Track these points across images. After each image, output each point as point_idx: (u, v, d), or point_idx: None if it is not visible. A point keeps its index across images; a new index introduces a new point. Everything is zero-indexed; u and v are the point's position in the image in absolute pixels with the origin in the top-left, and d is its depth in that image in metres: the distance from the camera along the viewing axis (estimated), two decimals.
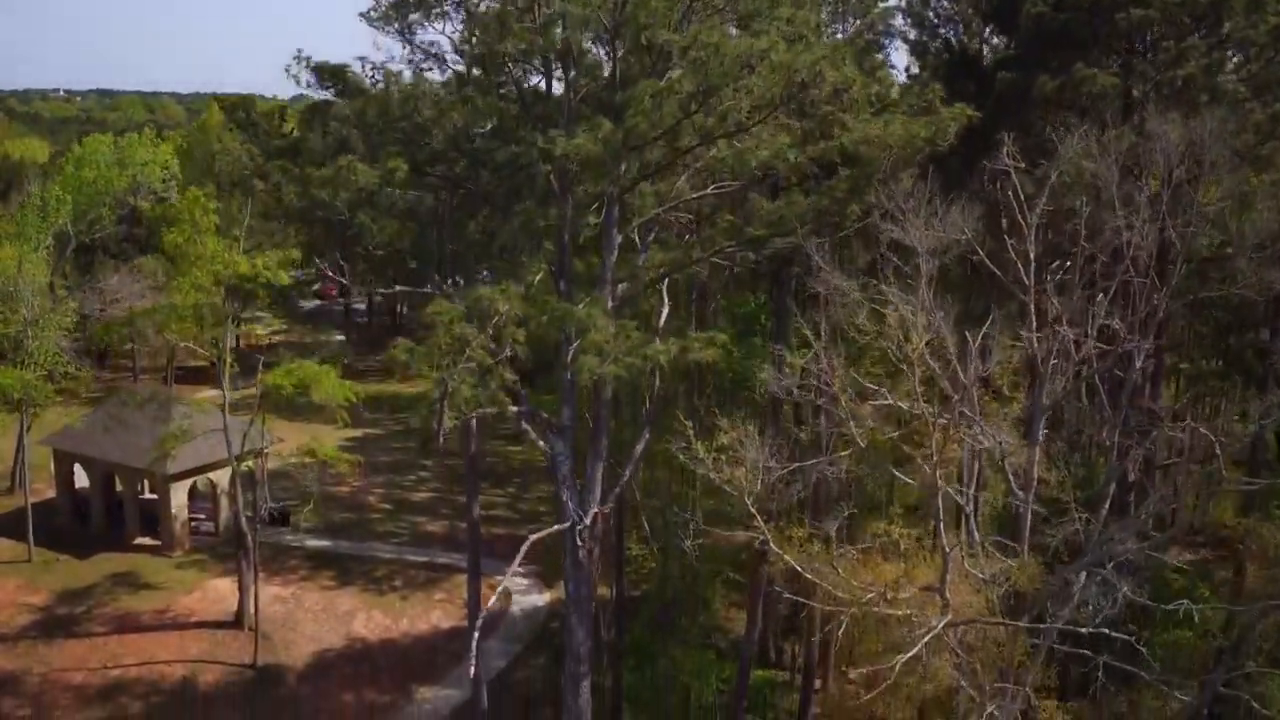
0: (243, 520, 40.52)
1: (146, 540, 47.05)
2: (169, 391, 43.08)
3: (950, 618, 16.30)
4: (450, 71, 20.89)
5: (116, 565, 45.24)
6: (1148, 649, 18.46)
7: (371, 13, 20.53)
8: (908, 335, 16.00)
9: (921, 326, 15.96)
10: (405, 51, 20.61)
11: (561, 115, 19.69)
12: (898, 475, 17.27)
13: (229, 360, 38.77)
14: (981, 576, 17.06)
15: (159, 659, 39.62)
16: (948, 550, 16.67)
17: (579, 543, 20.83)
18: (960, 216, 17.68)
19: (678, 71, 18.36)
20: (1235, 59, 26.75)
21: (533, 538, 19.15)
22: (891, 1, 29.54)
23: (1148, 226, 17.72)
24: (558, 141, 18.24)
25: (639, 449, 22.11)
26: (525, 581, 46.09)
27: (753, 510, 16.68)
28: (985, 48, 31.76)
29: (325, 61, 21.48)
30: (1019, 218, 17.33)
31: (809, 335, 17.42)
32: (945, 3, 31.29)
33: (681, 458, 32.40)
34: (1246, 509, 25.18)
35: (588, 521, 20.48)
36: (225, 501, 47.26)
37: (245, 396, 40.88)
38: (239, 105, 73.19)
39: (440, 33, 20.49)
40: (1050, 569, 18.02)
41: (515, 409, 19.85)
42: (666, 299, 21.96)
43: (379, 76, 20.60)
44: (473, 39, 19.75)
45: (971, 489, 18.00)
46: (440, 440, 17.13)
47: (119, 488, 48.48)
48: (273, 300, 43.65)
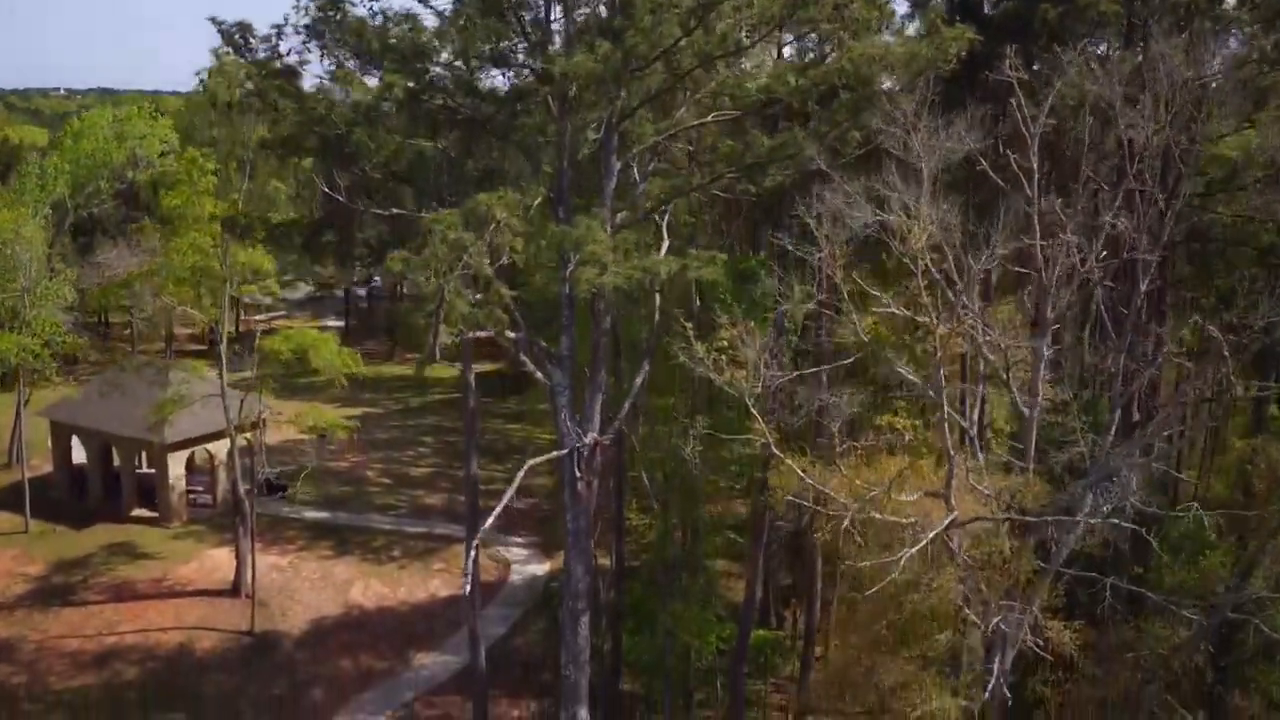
0: (240, 488, 40.29)
1: (144, 512, 46.80)
2: (167, 362, 42.82)
3: (956, 515, 16.03)
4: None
5: (113, 536, 44.98)
6: (1155, 575, 18.29)
7: None
8: (910, 230, 15.75)
9: (924, 219, 15.72)
10: None
11: (561, 41, 19.50)
12: (901, 372, 17.03)
13: (226, 324, 38.53)
14: (986, 492, 16.83)
15: (155, 626, 39.37)
16: (951, 453, 16.43)
17: (577, 474, 20.61)
18: (963, 129, 17.45)
19: None
20: None
21: (530, 462, 18.93)
22: None
23: (1153, 136, 17.53)
24: (556, 61, 18.06)
25: (638, 381, 21.89)
26: (525, 552, 45.88)
27: (754, 412, 16.46)
28: None
29: None
30: (1022, 128, 17.14)
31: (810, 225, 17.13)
32: None
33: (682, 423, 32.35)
34: (1255, 431, 24.97)
35: (587, 449, 20.26)
36: (223, 474, 46.99)
37: (244, 379, 40.70)
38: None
39: None
40: (1057, 488, 17.77)
41: (513, 335, 19.63)
42: (666, 236, 21.76)
43: (376, 7, 20.39)
44: None
45: (978, 393, 17.74)
46: (436, 355, 16.90)
47: (116, 462, 48.27)
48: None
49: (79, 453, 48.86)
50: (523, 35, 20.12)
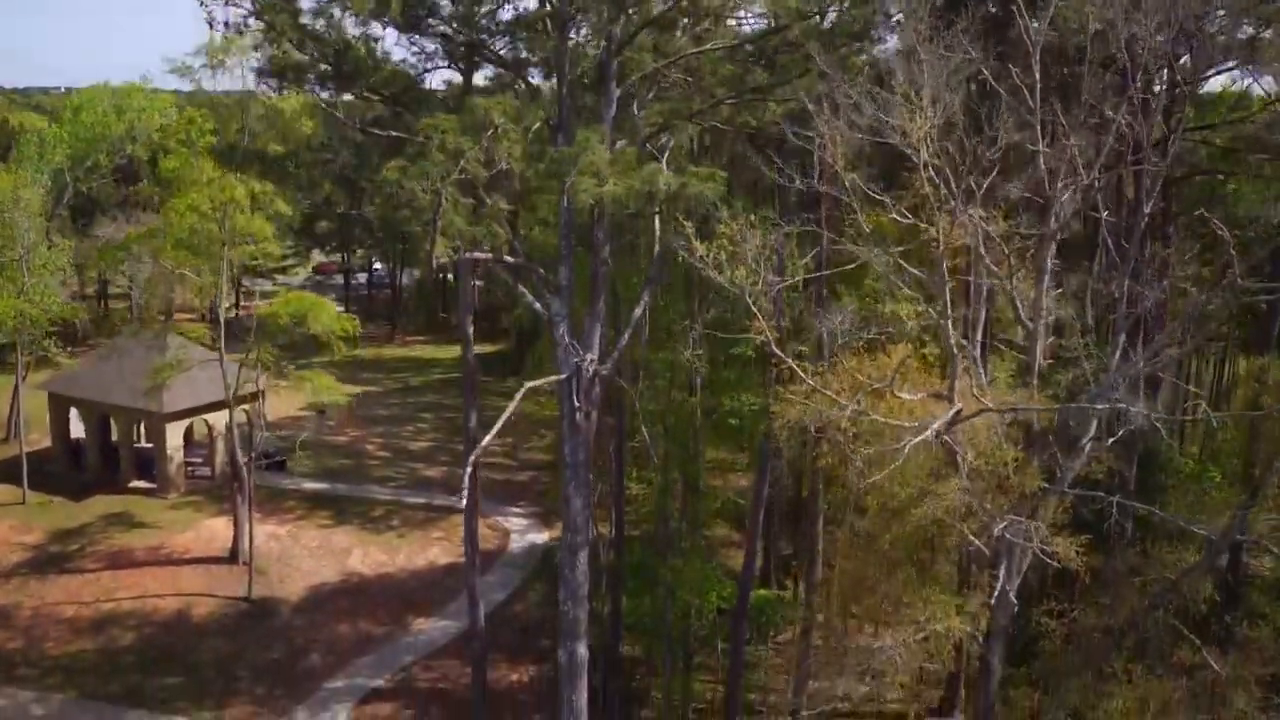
0: (238, 455, 40.06)
1: (142, 484, 46.60)
2: (165, 324, 42.59)
3: (960, 408, 15.76)
4: None
5: (110, 506, 44.75)
6: (1163, 496, 18.06)
7: None
8: (914, 118, 15.51)
9: (929, 104, 15.47)
10: None
11: None
12: (904, 266, 16.78)
13: (226, 289, 38.30)
14: (991, 406, 16.57)
15: (152, 593, 39.13)
16: (955, 351, 16.15)
17: (576, 404, 20.37)
18: (965, 37, 17.21)
19: None
20: None
21: (529, 384, 18.68)
22: None
23: (1159, 46, 17.32)
24: None
25: (638, 312, 21.65)
26: (524, 521, 45.67)
27: (755, 310, 16.20)
28: None
29: None
30: (1024, 35, 16.88)
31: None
32: None
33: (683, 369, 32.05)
34: (1261, 350, 24.69)
35: (586, 379, 20.02)
36: (221, 445, 46.78)
37: (244, 353, 40.55)
38: None
39: None
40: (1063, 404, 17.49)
41: (511, 260, 19.40)
42: (665, 166, 21.46)
43: None
44: None
45: (981, 310, 17.46)
46: (434, 265, 16.67)
47: (115, 435, 48.05)
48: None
49: (78, 429, 48.71)
50: None
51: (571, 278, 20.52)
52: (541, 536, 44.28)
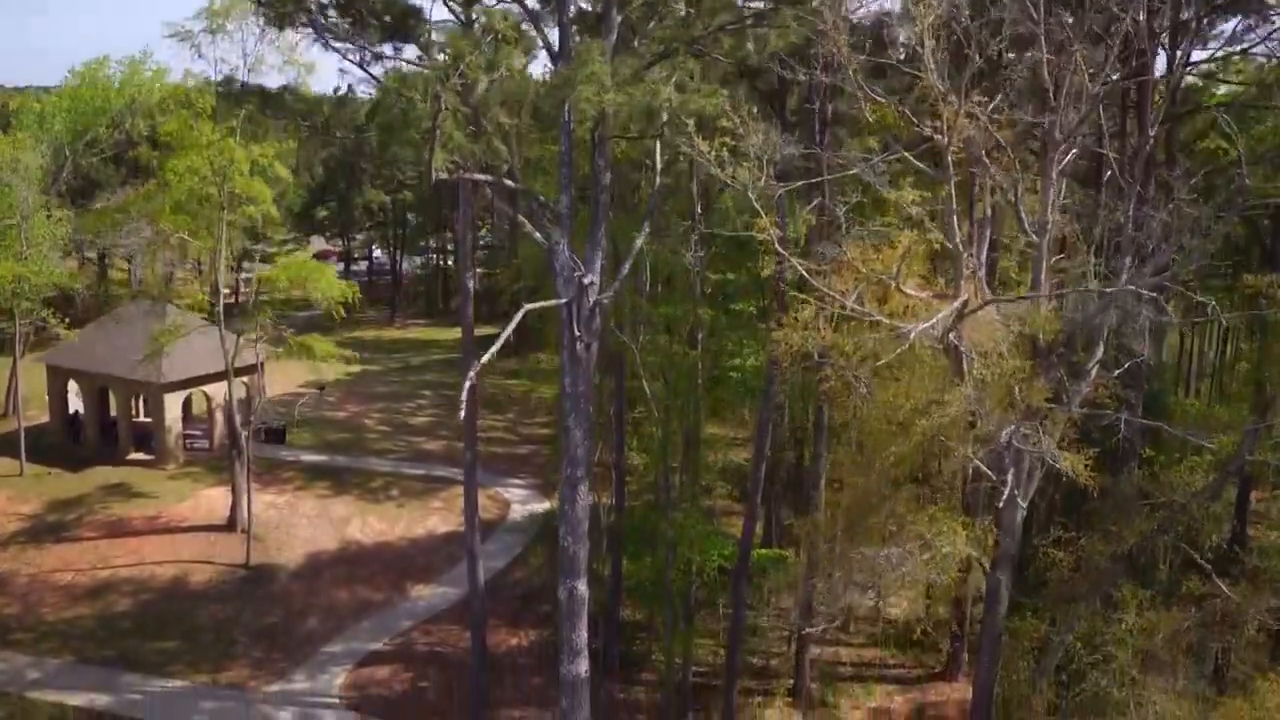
0: (237, 421, 39.83)
1: (140, 456, 46.39)
2: (166, 290, 42.34)
3: (967, 299, 15.48)
4: None
5: (108, 477, 44.53)
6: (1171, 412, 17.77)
7: None
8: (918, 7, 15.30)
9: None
10: None
11: None
12: (909, 159, 16.50)
13: (225, 254, 38.04)
14: (996, 317, 16.32)
15: (150, 560, 38.90)
16: (960, 249, 15.87)
17: (576, 334, 20.13)
18: None
19: None
20: None
21: (528, 307, 18.43)
22: None
23: None
24: None
25: (638, 243, 21.41)
26: (524, 492, 45.42)
27: (758, 207, 15.91)
28: None
29: None
30: None
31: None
32: None
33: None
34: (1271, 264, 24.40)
35: (586, 307, 19.78)
36: (220, 416, 46.56)
37: (243, 330, 40.40)
38: None
39: None
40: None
41: (511, 184, 19.15)
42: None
43: None
44: None
45: (987, 227, 17.17)
46: (433, 178, 16.43)
47: (114, 410, 47.84)
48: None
49: (77, 404, 48.51)
50: None
51: (571, 206, 20.28)
52: (542, 506, 44.02)
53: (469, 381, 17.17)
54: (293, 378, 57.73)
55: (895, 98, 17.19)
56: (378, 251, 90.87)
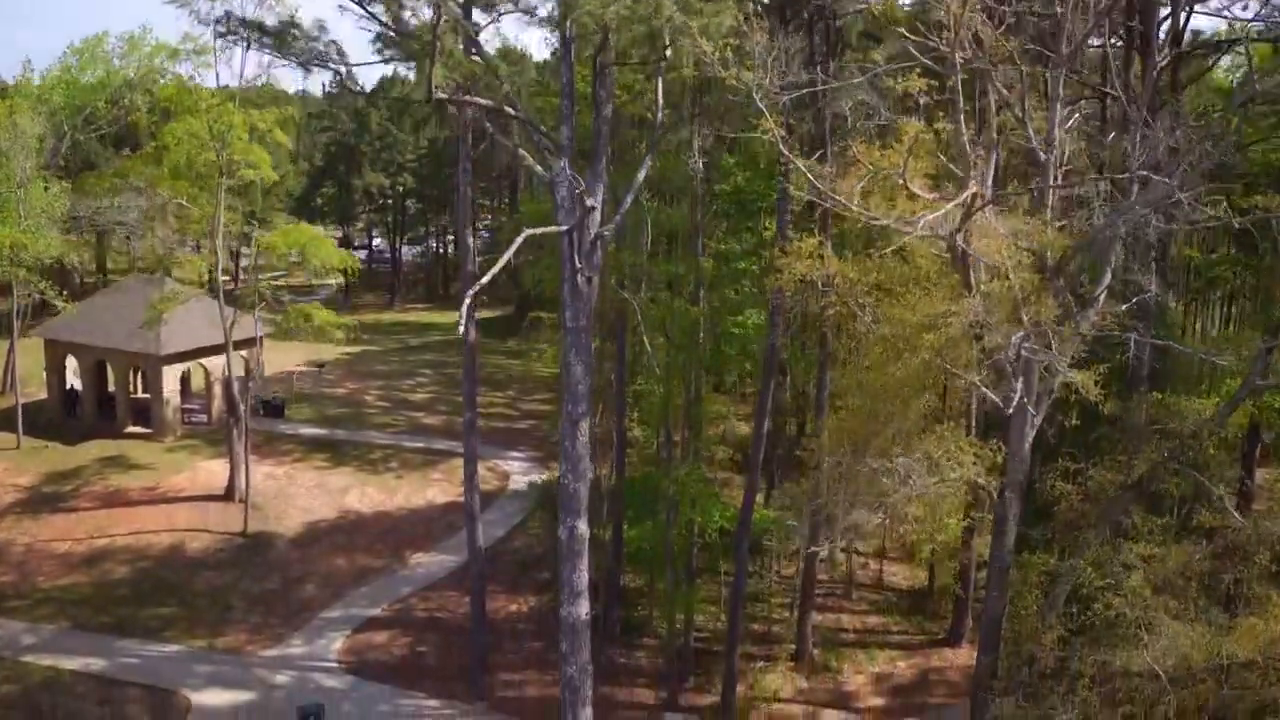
0: (235, 392, 39.54)
1: (138, 429, 46.08)
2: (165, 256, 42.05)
3: (975, 191, 15.16)
4: None
5: (106, 450, 44.20)
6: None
7: None
8: None
9: None
10: None
11: None
12: (914, 54, 16.14)
13: (224, 219, 37.73)
14: (1002, 232, 16.00)
15: (147, 529, 38.59)
16: (968, 148, 15.56)
17: (577, 266, 19.85)
18: None
19: None
20: None
21: (528, 231, 18.13)
22: None
23: None
24: None
25: (640, 176, 21.12)
26: (524, 464, 45.11)
27: (764, 108, 15.58)
28: None
29: None
30: None
31: None
32: None
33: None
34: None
35: (588, 239, 19.50)
36: (219, 390, 46.26)
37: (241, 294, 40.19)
38: None
39: None
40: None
41: (512, 112, 18.89)
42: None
43: None
44: None
45: (993, 147, 16.78)
46: (431, 95, 16.15)
47: (111, 386, 47.52)
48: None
49: (75, 382, 48.21)
50: None
51: (573, 137, 20.00)
52: (541, 478, 43.69)
53: (467, 299, 16.88)
54: (291, 357, 57.58)
55: None
56: (378, 240, 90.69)
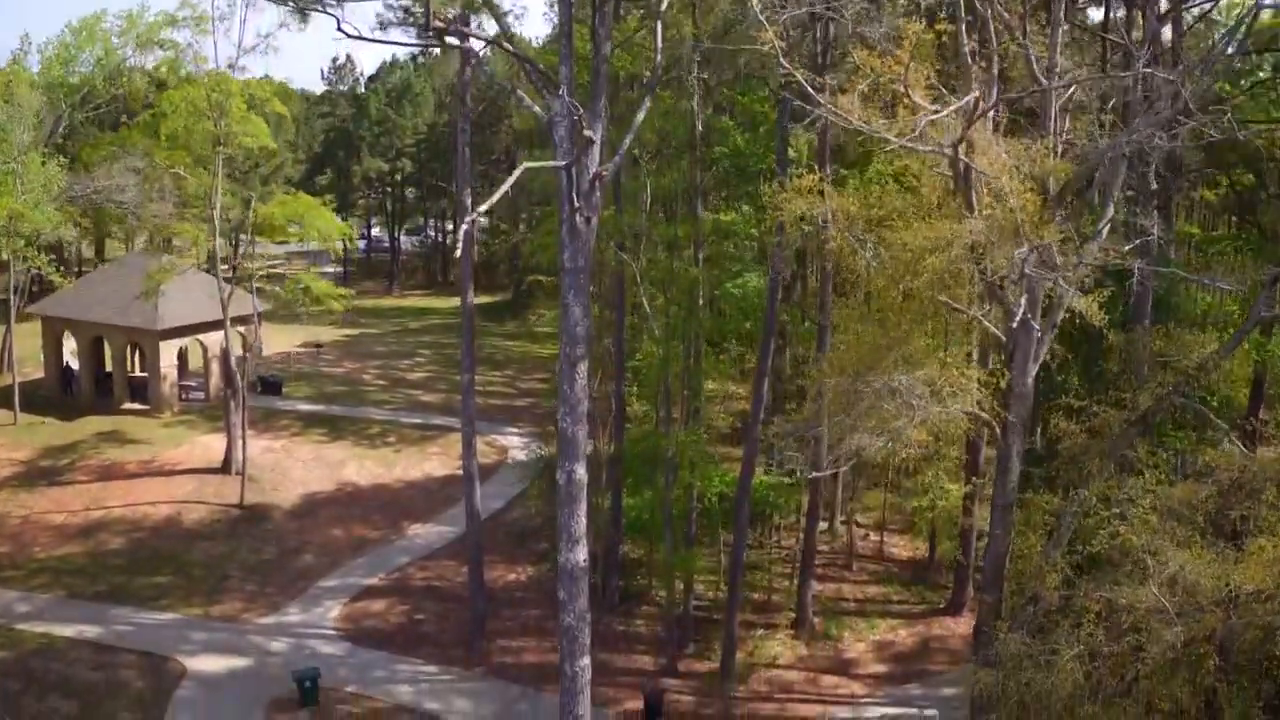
0: (232, 364, 39.36)
1: (135, 406, 45.88)
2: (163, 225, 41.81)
3: (978, 96, 14.93)
4: None
5: (103, 426, 44.03)
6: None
7: None
8: None
9: None
10: None
11: None
12: None
13: (221, 189, 37.54)
14: (1004, 153, 15.75)
15: (143, 501, 38.39)
16: (969, 60, 15.30)
17: (576, 205, 19.62)
18: None
19: None
20: None
21: (525, 165, 17.90)
22: None
23: None
24: None
25: (639, 116, 20.93)
26: (522, 440, 44.89)
27: (762, 20, 15.32)
28: None
29: None
30: None
31: None
32: None
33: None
34: None
35: (587, 179, 19.29)
36: (216, 367, 46.07)
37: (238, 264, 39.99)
38: None
39: None
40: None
41: (510, 49, 18.73)
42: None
43: None
44: None
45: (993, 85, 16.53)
46: (431, 19, 15.95)
47: (109, 365, 47.31)
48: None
49: (72, 362, 48.04)
50: None
51: (571, 77, 19.80)
52: (539, 452, 43.52)
53: (465, 226, 16.66)
54: (290, 339, 57.44)
55: None
56: (376, 229, 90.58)
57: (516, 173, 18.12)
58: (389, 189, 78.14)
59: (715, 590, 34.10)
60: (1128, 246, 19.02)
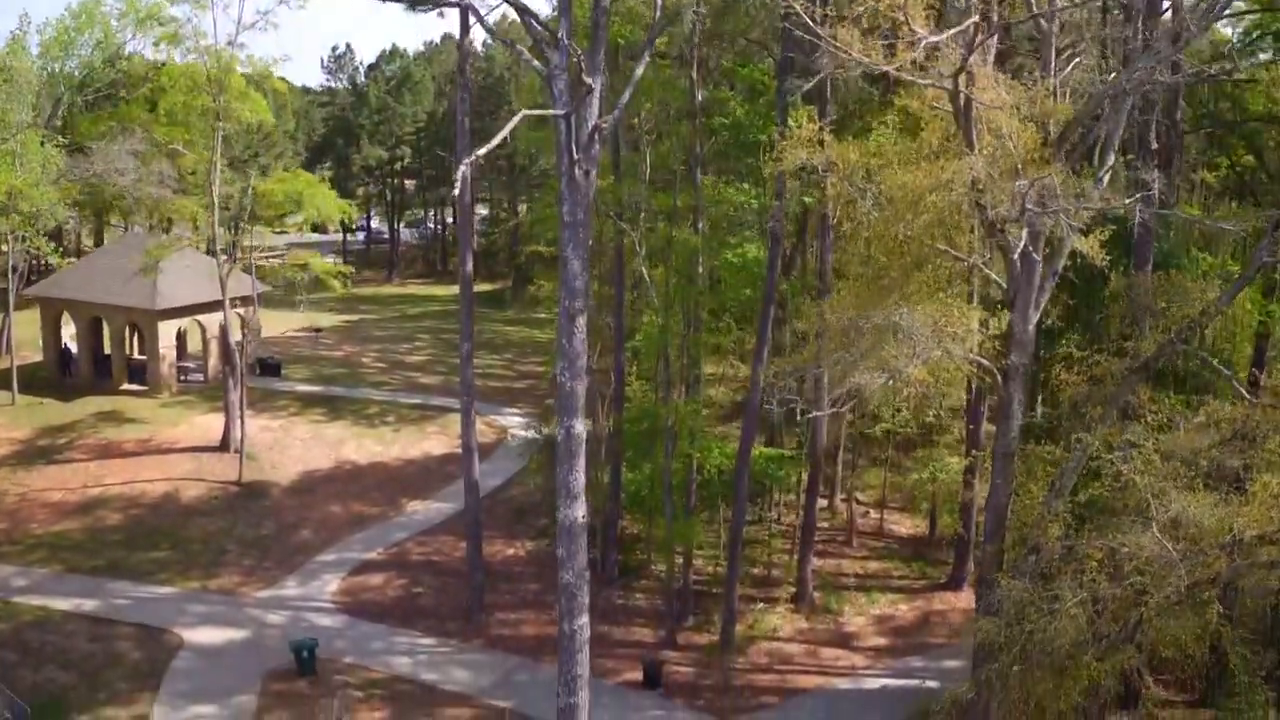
0: (230, 343, 39.24)
1: (133, 387, 45.73)
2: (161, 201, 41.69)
3: (977, 21, 14.82)
4: None
5: (101, 406, 43.86)
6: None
7: None
8: None
9: None
10: None
11: None
12: None
13: (220, 165, 37.45)
14: (1005, 94, 15.64)
15: (141, 478, 38.26)
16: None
17: (575, 157, 19.52)
18: None
19: None
20: None
21: (524, 113, 17.81)
22: None
23: None
24: None
25: (637, 73, 20.82)
26: (521, 420, 44.77)
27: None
28: None
29: None
30: None
31: None
32: None
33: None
34: None
35: (585, 131, 19.19)
36: (215, 348, 45.93)
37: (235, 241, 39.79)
38: None
39: None
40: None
41: (514, 3, 18.62)
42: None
43: None
44: None
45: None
46: None
47: (107, 347, 47.16)
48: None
49: (71, 344, 47.91)
50: None
51: (570, 30, 19.68)
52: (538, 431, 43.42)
53: (463, 168, 16.55)
54: (289, 323, 57.34)
55: None
56: (375, 220, 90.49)
57: (516, 118, 18.07)
58: (389, 178, 78.10)
59: (715, 565, 33.98)
60: (1129, 200, 18.91)
